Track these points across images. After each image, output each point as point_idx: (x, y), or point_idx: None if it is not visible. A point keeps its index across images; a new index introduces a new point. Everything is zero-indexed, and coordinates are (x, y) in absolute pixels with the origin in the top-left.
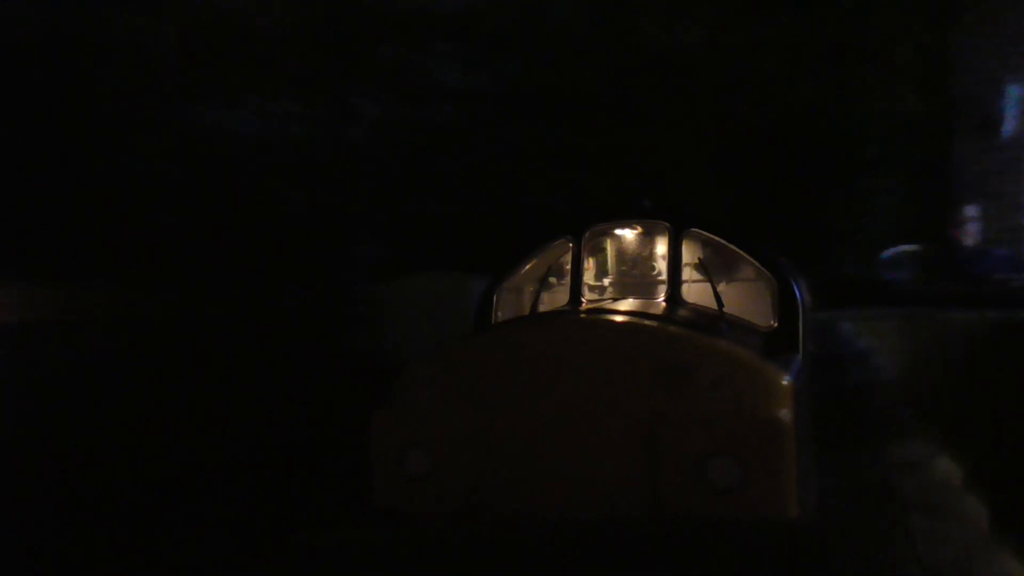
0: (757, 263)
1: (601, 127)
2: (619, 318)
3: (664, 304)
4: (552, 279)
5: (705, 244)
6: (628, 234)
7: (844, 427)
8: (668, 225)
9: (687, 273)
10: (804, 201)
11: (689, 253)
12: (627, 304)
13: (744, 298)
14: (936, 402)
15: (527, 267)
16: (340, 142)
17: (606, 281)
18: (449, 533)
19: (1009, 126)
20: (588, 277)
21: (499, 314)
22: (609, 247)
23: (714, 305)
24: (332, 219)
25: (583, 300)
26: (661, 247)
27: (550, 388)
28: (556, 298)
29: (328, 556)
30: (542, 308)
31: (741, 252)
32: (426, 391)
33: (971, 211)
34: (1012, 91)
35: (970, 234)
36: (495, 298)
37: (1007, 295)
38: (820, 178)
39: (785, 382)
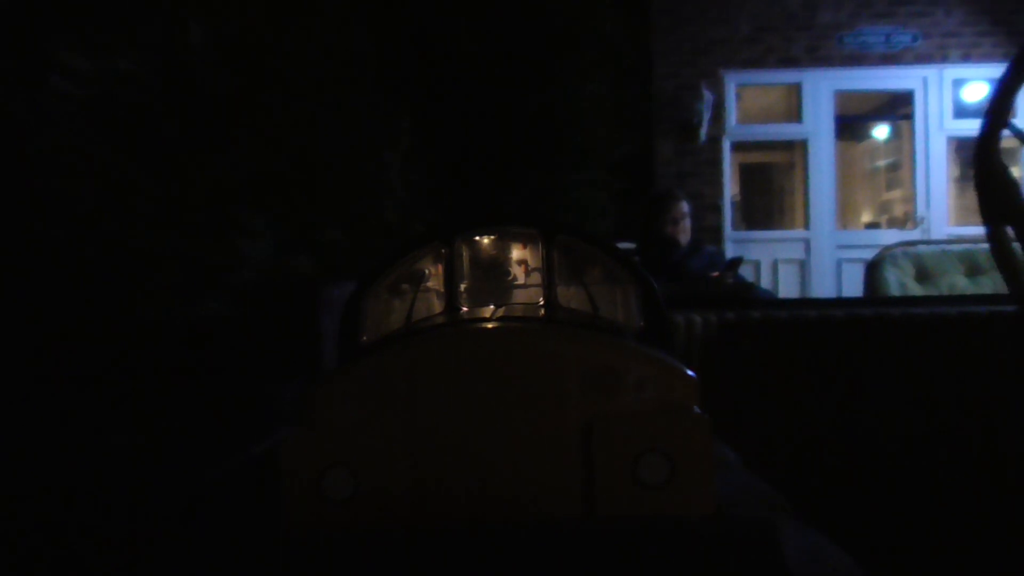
0: (620, 265)
1: None
2: (546, 325)
3: (543, 309)
4: (423, 287)
5: (573, 248)
6: (500, 240)
7: None
8: (539, 230)
9: (559, 277)
10: (501, 184)
11: (559, 257)
12: (507, 310)
13: (612, 300)
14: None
15: (394, 275)
16: None
17: (480, 288)
18: (379, 538)
19: (704, 130)
20: (462, 284)
21: (368, 324)
22: (481, 253)
23: (587, 308)
24: None
25: (461, 308)
26: (533, 252)
27: (480, 398)
28: (429, 306)
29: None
30: (416, 318)
31: (605, 255)
32: (344, 408)
33: (685, 208)
34: (706, 96)
35: (685, 232)
36: (362, 308)
37: (727, 294)
38: (518, 163)
39: (694, 379)
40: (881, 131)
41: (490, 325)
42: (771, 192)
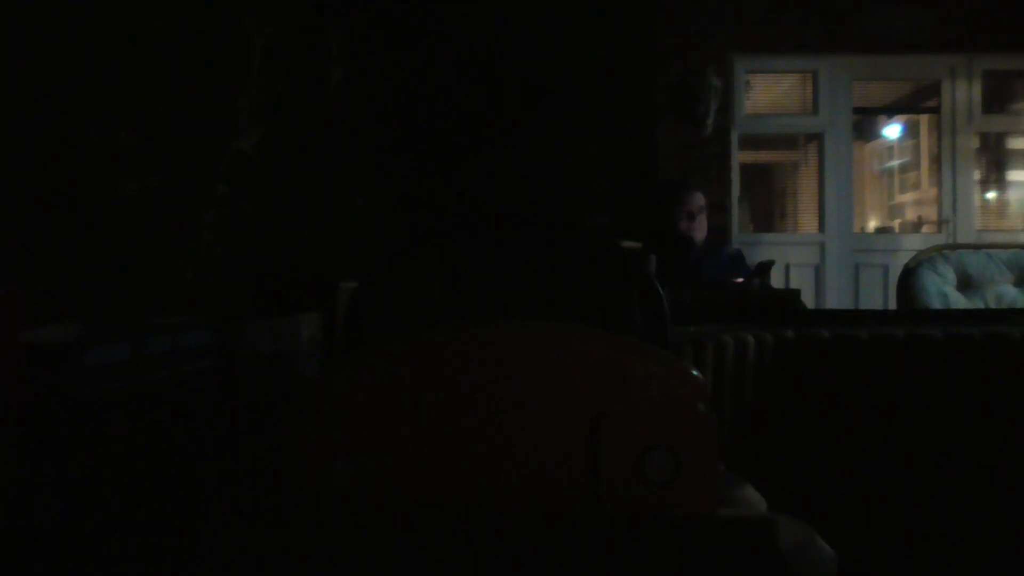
0: (624, 265)
1: None
2: (553, 321)
3: (549, 306)
4: (429, 282)
5: (579, 247)
6: (506, 238)
7: None
8: (546, 229)
9: (564, 275)
10: (487, 171)
11: (565, 256)
12: (512, 307)
13: (615, 299)
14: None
15: (398, 268)
16: None
17: (486, 284)
18: (383, 530)
19: (711, 120)
20: (468, 280)
21: (373, 318)
22: (487, 251)
23: (592, 306)
24: None
25: (466, 303)
26: (540, 249)
27: (485, 392)
28: (435, 301)
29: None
30: (422, 312)
31: (610, 254)
32: (349, 399)
33: (701, 200)
34: (714, 83)
35: (701, 228)
36: (368, 300)
37: (769, 304)
38: (494, 130)
39: (700, 378)
40: (905, 125)
41: (496, 320)
42: (783, 191)
